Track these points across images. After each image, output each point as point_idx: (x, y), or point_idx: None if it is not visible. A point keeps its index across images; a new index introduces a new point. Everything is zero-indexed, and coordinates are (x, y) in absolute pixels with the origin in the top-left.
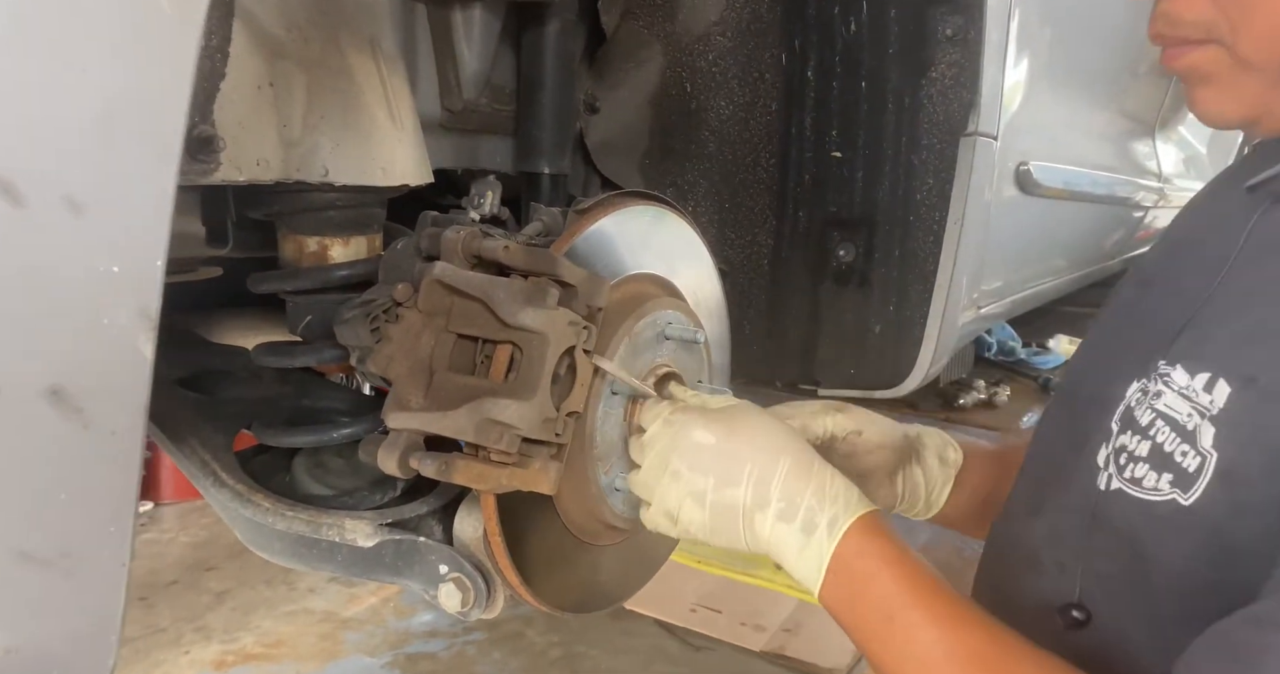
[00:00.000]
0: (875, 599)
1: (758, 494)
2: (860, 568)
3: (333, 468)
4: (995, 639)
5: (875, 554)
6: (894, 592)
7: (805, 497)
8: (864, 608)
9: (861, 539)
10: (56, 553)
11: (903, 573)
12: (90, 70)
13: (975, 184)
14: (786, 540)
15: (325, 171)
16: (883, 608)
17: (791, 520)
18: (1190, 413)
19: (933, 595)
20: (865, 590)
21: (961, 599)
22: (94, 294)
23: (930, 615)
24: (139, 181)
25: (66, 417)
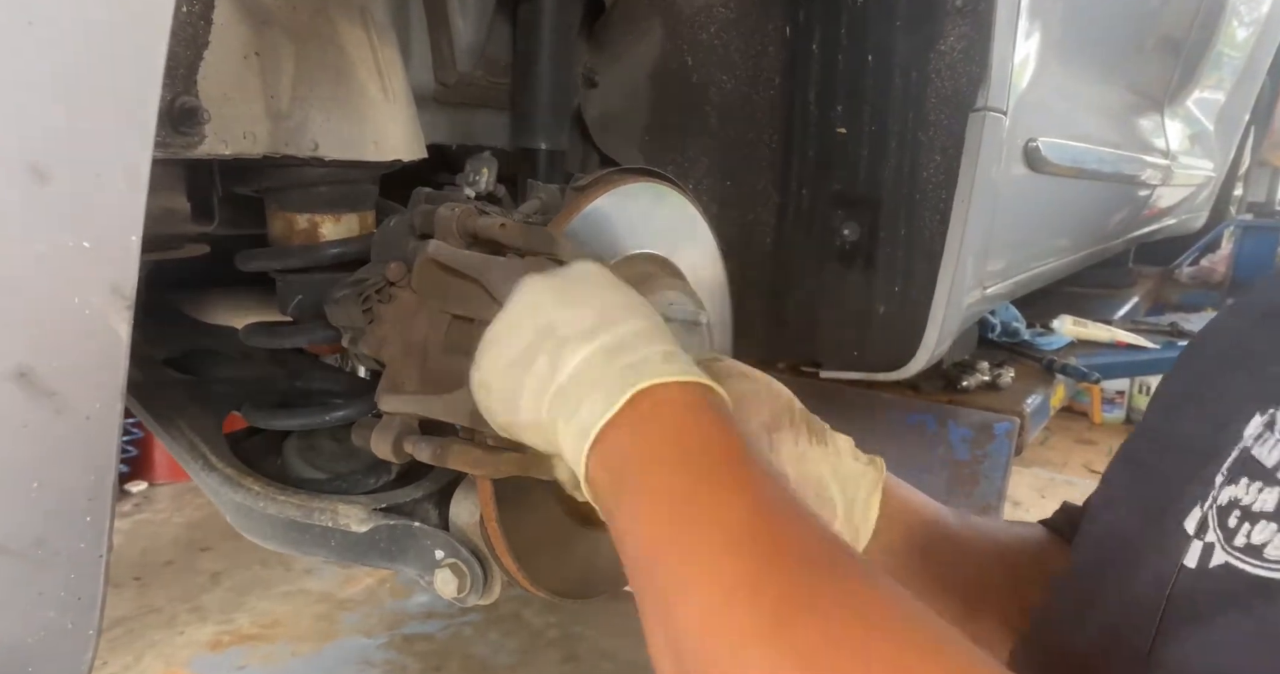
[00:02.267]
0: (696, 449)
1: (585, 329)
2: (686, 417)
3: (326, 451)
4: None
5: (712, 409)
6: (724, 450)
7: (642, 345)
8: (676, 454)
9: (688, 392)
10: (30, 543)
11: (737, 435)
12: (39, 26)
13: (983, 161)
14: (594, 372)
15: (315, 146)
16: (702, 459)
17: (614, 357)
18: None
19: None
20: (685, 438)
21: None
22: (63, 270)
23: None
24: (109, 151)
25: (37, 400)
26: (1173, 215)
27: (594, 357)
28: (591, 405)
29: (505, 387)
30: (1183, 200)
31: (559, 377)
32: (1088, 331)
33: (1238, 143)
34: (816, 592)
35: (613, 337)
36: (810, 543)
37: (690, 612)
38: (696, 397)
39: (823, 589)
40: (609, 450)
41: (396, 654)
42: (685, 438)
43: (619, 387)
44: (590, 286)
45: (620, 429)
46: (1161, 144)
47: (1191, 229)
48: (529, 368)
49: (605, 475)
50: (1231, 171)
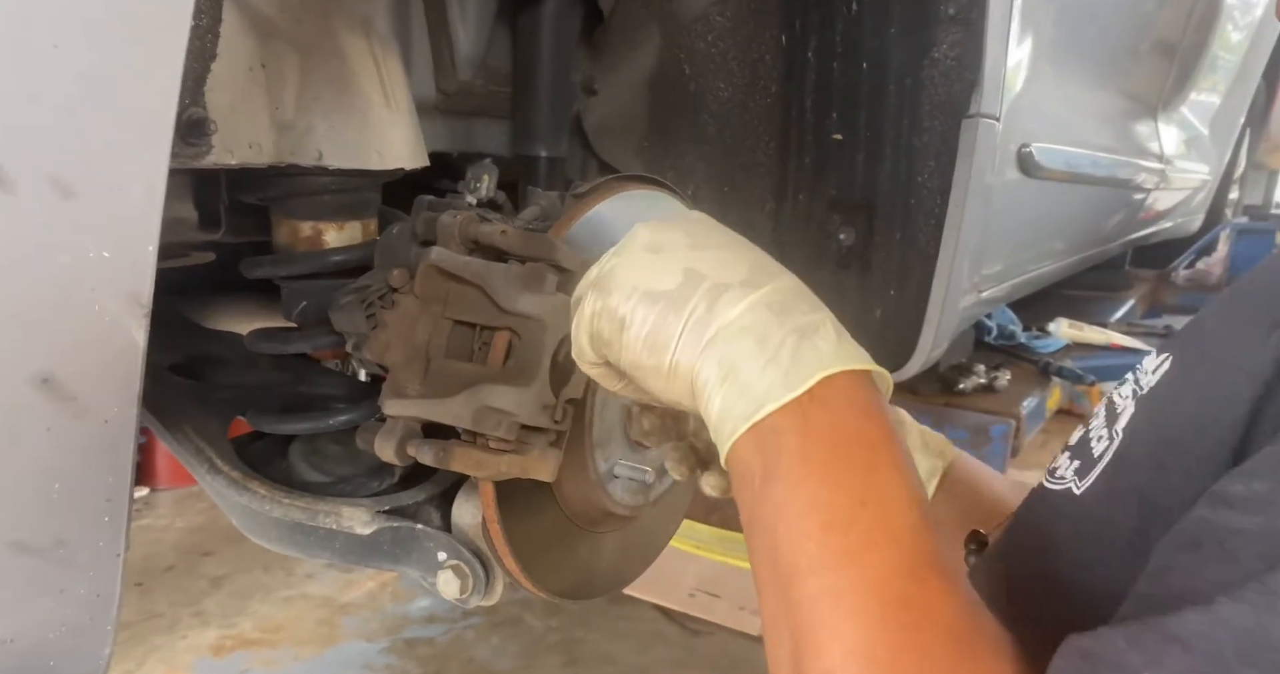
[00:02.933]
0: (863, 467)
1: (741, 276)
2: (860, 423)
3: (330, 455)
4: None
5: (882, 415)
6: (887, 477)
7: (808, 307)
8: (840, 469)
9: (859, 384)
10: (51, 543)
11: (903, 458)
12: (63, 47)
13: (977, 166)
14: (763, 331)
15: (319, 155)
16: (867, 475)
17: (783, 317)
18: (1129, 394)
19: (920, 519)
20: (854, 450)
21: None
22: (84, 280)
23: (913, 534)
24: (129, 164)
25: (58, 405)
26: (1168, 218)
27: (759, 309)
28: (763, 377)
29: (648, 323)
30: (1178, 203)
31: (718, 322)
32: (1084, 334)
33: (1233, 146)
34: (949, 670)
35: (773, 291)
36: (957, 613)
37: (824, 658)
38: (869, 391)
39: (956, 669)
40: (767, 431)
41: (398, 659)
42: (854, 442)
43: (795, 365)
44: (718, 233)
45: (787, 408)
46: (1156, 148)
47: (1187, 232)
48: (681, 307)
49: (757, 458)
50: (1227, 175)
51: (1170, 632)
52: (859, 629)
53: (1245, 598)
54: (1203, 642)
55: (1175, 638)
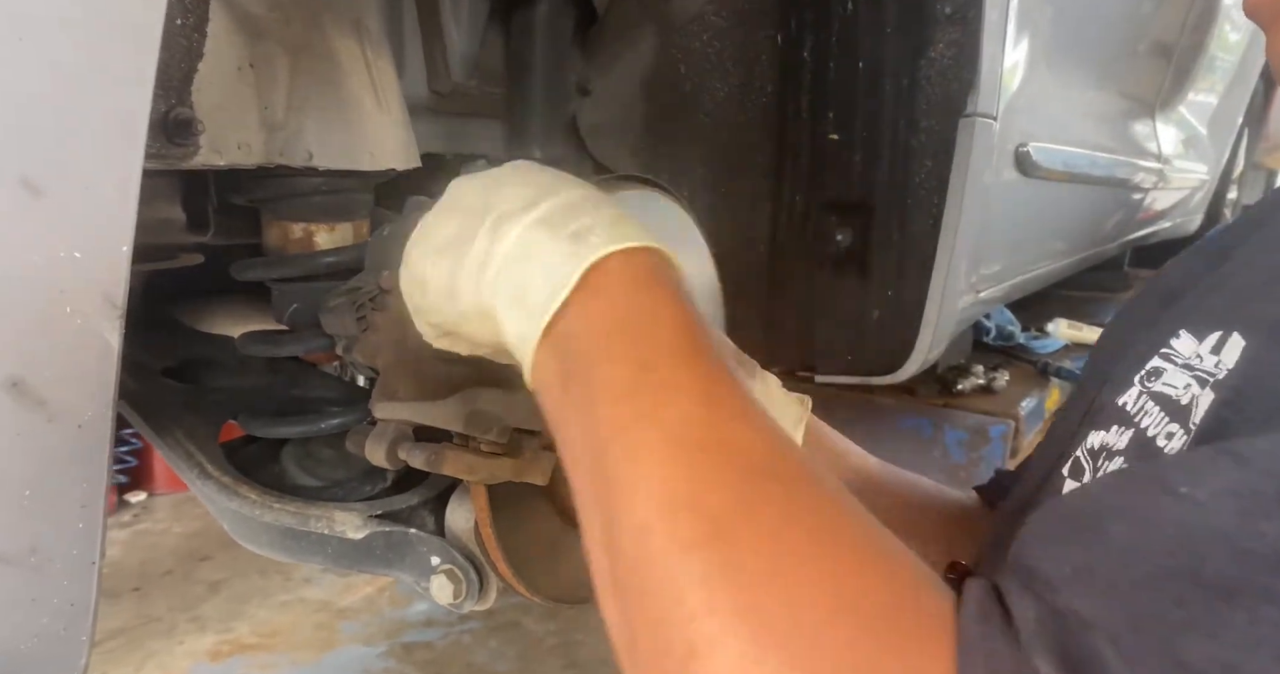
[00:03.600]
0: (644, 335)
1: (520, 203)
2: (635, 296)
3: (322, 459)
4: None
5: (662, 285)
6: (671, 337)
7: (586, 210)
8: (621, 343)
9: (638, 263)
10: (23, 550)
11: (688, 320)
12: (30, 41)
13: (974, 166)
14: (538, 247)
15: (309, 156)
16: (648, 344)
17: (557, 227)
18: (1189, 384)
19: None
20: (633, 323)
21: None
22: (55, 281)
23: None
24: (101, 163)
25: (29, 409)
26: (1167, 218)
27: (535, 227)
28: (540, 285)
29: (440, 274)
30: (1177, 203)
31: (498, 251)
32: (1083, 335)
33: (1231, 146)
34: (757, 500)
35: (553, 204)
36: (756, 446)
37: (630, 517)
38: (646, 269)
39: (764, 498)
40: (558, 337)
41: (396, 663)
42: (633, 321)
43: (567, 261)
44: (521, 172)
45: (569, 310)
46: (1154, 148)
47: (1186, 232)
48: (465, 249)
49: (555, 365)
50: (1225, 174)
51: (1223, 448)
52: (662, 479)
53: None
54: (1262, 458)
55: (1227, 451)
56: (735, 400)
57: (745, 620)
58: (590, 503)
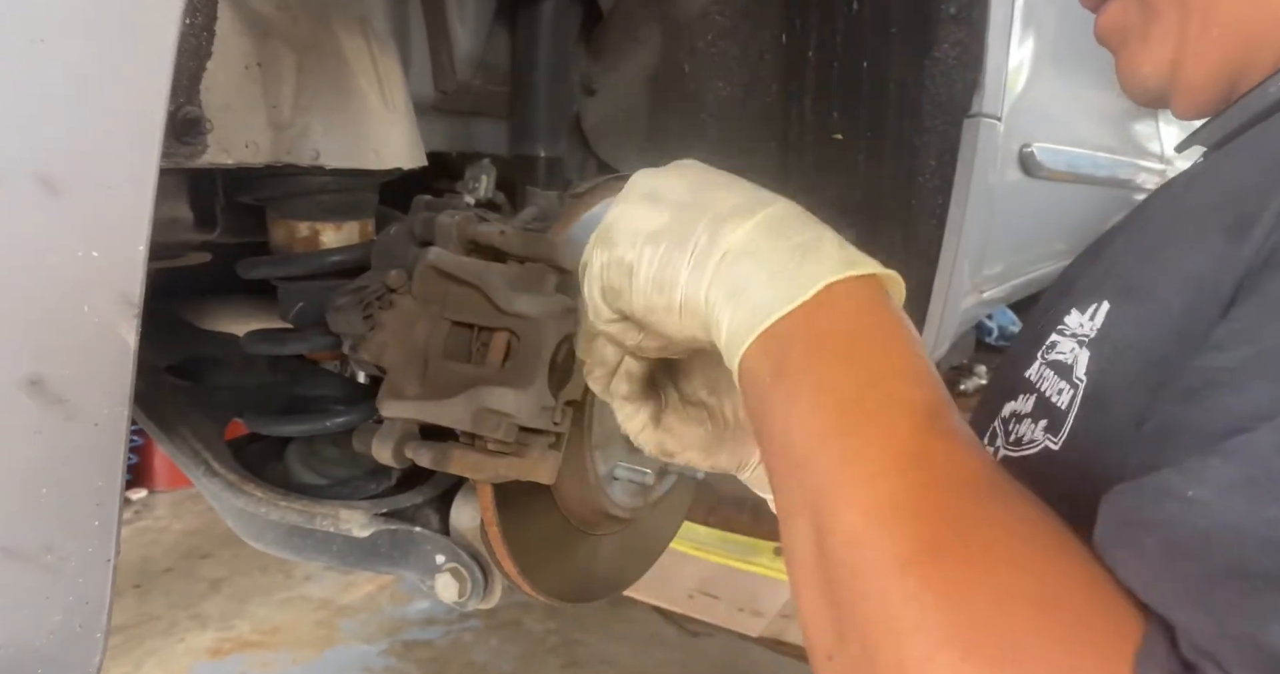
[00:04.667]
0: (870, 353)
1: (736, 206)
2: (864, 316)
3: (327, 457)
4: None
5: (890, 310)
6: (899, 358)
7: (807, 225)
8: (847, 355)
9: (867, 286)
10: (39, 548)
11: (915, 346)
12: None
13: (978, 167)
14: (764, 251)
15: (316, 154)
16: (877, 362)
17: (781, 236)
18: (1073, 347)
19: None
20: (860, 339)
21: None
22: (73, 280)
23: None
24: (118, 162)
25: (47, 408)
26: None
27: (758, 232)
28: (768, 290)
29: (652, 262)
30: None
31: (720, 250)
32: None
33: None
34: (972, 519)
35: (771, 215)
36: (971, 467)
37: (843, 523)
38: (876, 292)
39: (980, 518)
40: (775, 337)
41: (397, 661)
42: (861, 335)
43: (799, 275)
44: (711, 173)
45: (794, 315)
46: (1157, 148)
47: None
48: (684, 243)
49: (766, 362)
50: None
51: (1212, 449)
52: (876, 488)
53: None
54: (1244, 448)
55: (1215, 452)
56: (953, 422)
57: (956, 637)
58: (795, 502)
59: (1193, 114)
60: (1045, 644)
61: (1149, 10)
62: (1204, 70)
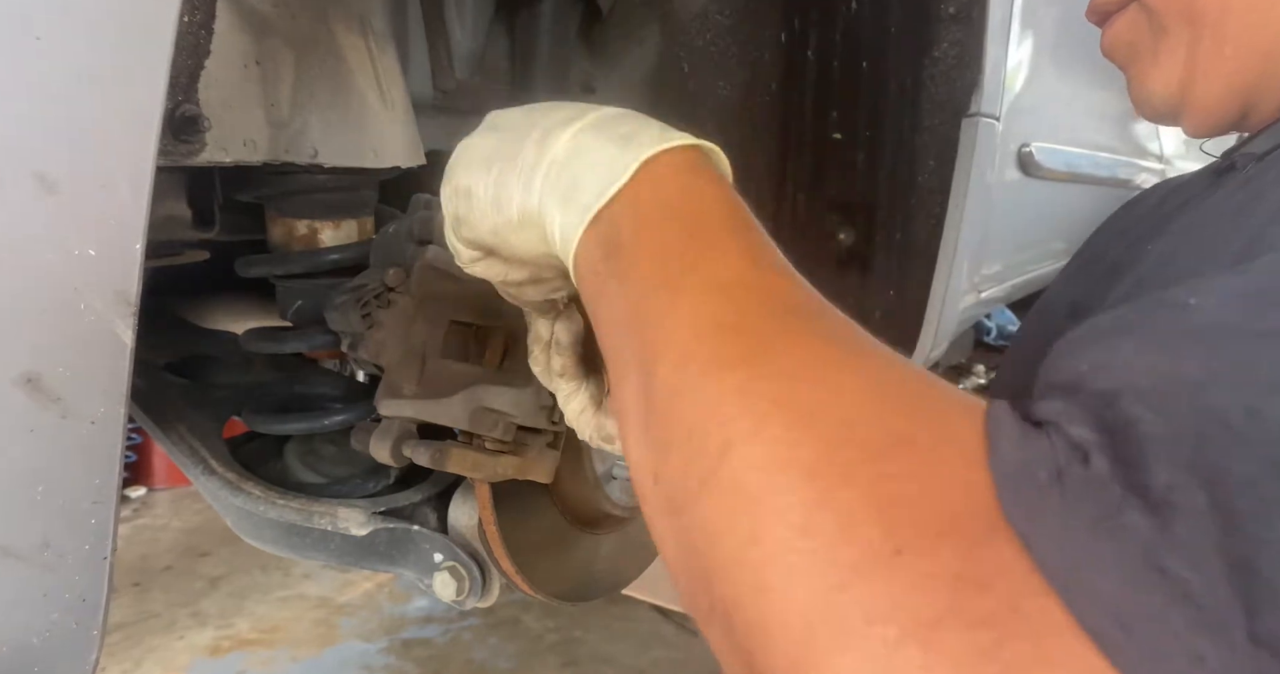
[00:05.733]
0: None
1: (562, 118)
2: (683, 181)
3: (325, 455)
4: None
5: (710, 174)
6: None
7: (632, 121)
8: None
9: (688, 156)
10: (36, 546)
11: (736, 202)
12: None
13: (977, 166)
14: (588, 148)
15: (314, 153)
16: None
17: (606, 131)
18: None
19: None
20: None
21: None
22: (69, 278)
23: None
24: (115, 160)
25: (43, 406)
26: None
27: (584, 132)
28: (590, 179)
29: (487, 182)
30: None
31: (547, 156)
32: None
33: None
34: (799, 328)
35: (600, 115)
36: (799, 294)
37: (670, 350)
38: (696, 161)
39: (807, 328)
40: (602, 223)
41: (395, 659)
42: (684, 200)
43: (620, 158)
44: (554, 101)
45: (618, 200)
46: (1156, 148)
47: None
48: (515, 158)
49: (596, 250)
50: None
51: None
52: (704, 311)
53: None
54: (1261, 266)
55: (1231, 270)
56: (780, 262)
57: (782, 411)
58: (626, 361)
59: (1205, 132)
60: (874, 406)
61: (1157, 28)
62: (1216, 89)
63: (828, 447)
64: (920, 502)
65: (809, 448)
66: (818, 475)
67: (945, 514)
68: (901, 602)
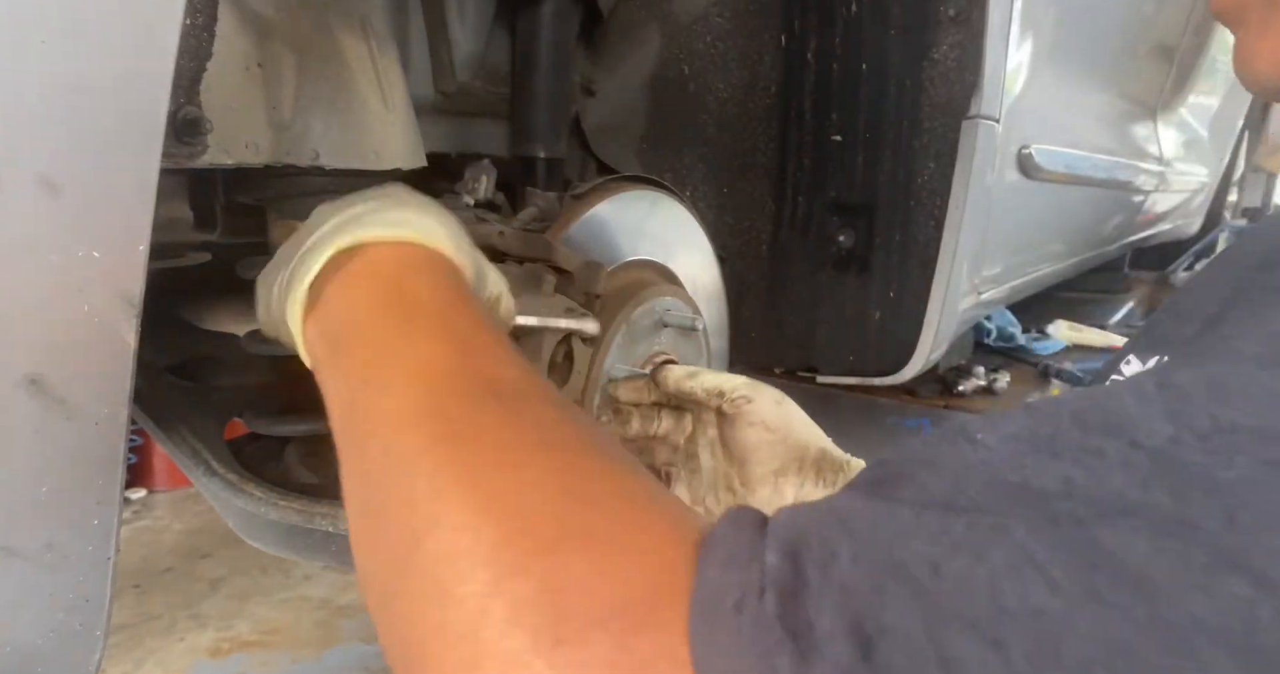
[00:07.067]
0: (405, 300)
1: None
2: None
3: (326, 457)
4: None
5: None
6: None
7: (376, 211)
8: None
9: (409, 252)
10: (39, 547)
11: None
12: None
13: (977, 168)
14: (315, 242)
15: (316, 155)
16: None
17: (343, 224)
18: None
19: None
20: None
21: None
22: (73, 280)
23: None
24: (119, 162)
25: (47, 407)
26: (1167, 221)
27: (326, 231)
28: (303, 269)
29: (267, 284)
30: (1177, 206)
31: (295, 259)
32: (1083, 336)
33: (1232, 148)
34: (497, 411)
35: (351, 212)
36: (505, 377)
37: (374, 439)
38: (418, 257)
39: (506, 411)
40: (323, 315)
41: None
42: (396, 290)
43: (329, 245)
44: (378, 197)
45: (333, 290)
46: (1155, 150)
47: (1186, 234)
48: (284, 266)
49: (321, 343)
50: (1226, 177)
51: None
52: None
53: None
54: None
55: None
56: (494, 347)
57: (467, 498)
58: (345, 455)
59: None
60: (567, 509)
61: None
62: None
63: (507, 535)
64: (588, 592)
65: (489, 536)
66: (493, 563)
67: (610, 604)
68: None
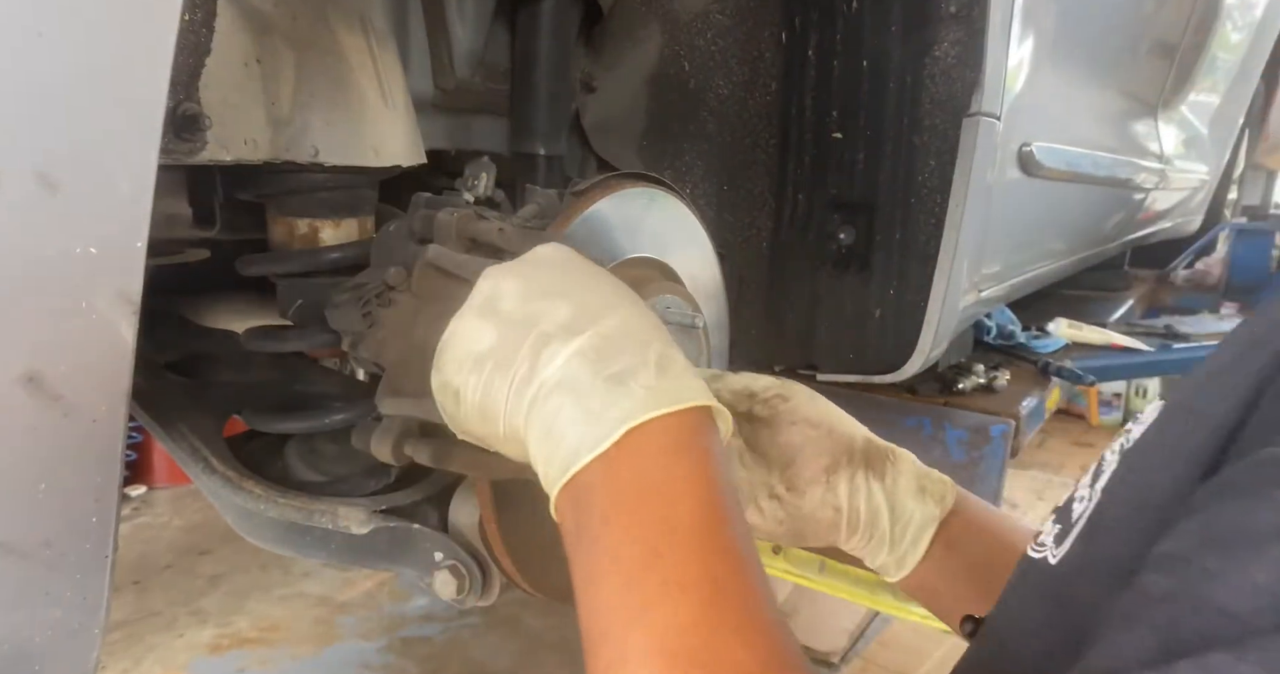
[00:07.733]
0: (662, 514)
1: (564, 323)
2: (664, 462)
3: (326, 454)
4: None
5: (694, 453)
6: (690, 518)
7: (630, 347)
8: (638, 517)
9: (676, 427)
10: (37, 544)
11: (715, 496)
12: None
13: (978, 165)
14: (578, 384)
15: (315, 152)
16: (663, 526)
17: (598, 362)
18: (1118, 448)
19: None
20: (654, 495)
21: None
22: (71, 276)
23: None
24: (116, 158)
25: (45, 404)
26: (1168, 218)
27: (575, 360)
28: (574, 433)
29: (475, 389)
30: (1178, 203)
31: (537, 381)
32: (1083, 334)
33: (1232, 146)
34: (735, 646)
35: (594, 336)
36: (745, 665)
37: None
38: (684, 435)
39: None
40: (579, 486)
41: (395, 658)
42: (656, 493)
43: (604, 418)
44: (558, 271)
45: (596, 464)
46: (1156, 148)
47: (1186, 232)
48: (506, 369)
49: (571, 514)
50: (1226, 175)
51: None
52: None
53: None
54: None
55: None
56: (740, 603)
57: None
58: (587, 625)
59: None
60: None
61: None
62: None
63: None
64: None
65: None
66: None
67: None
68: None
